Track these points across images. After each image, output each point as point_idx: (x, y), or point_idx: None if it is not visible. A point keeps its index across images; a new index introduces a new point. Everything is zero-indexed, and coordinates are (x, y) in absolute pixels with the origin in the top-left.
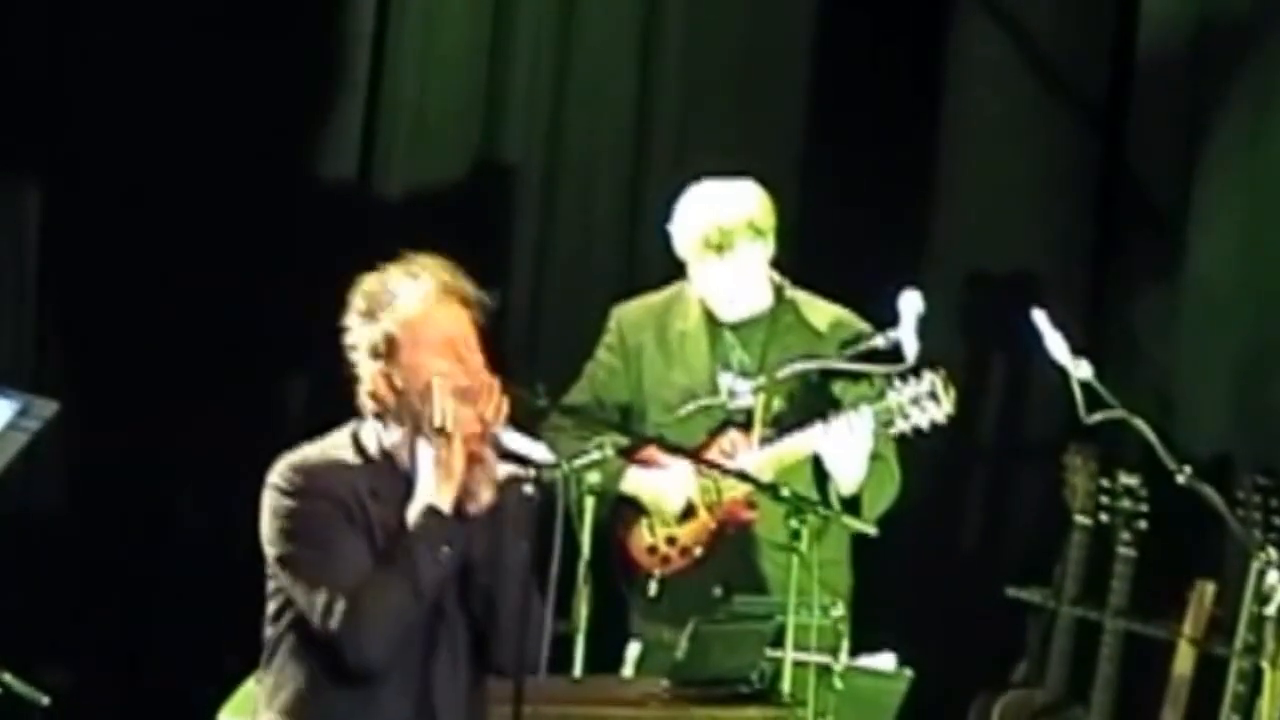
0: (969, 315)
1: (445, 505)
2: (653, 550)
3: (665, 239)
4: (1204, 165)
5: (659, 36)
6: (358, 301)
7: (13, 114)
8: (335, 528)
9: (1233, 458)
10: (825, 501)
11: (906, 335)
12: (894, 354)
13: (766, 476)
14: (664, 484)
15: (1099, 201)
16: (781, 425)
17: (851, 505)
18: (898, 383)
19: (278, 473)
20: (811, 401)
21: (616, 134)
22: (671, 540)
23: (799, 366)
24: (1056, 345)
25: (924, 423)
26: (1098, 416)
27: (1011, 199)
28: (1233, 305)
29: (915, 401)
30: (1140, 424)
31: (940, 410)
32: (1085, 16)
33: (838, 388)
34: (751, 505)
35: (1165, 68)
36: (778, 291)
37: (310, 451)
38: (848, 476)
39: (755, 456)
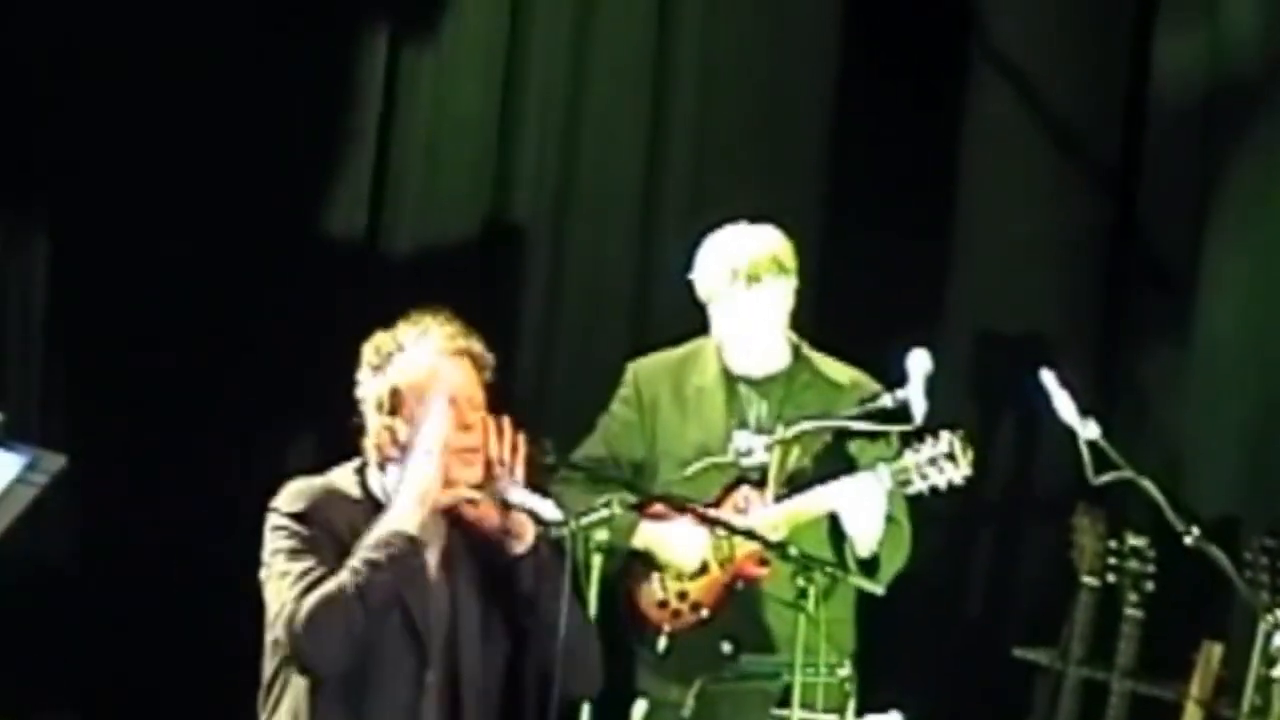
0: (978, 375)
1: (410, 526)
2: (663, 605)
3: (675, 299)
4: (1214, 227)
5: (670, 98)
6: (368, 354)
7: (20, 163)
8: (321, 550)
9: (1241, 519)
10: (841, 561)
11: (915, 394)
12: (903, 413)
13: (779, 533)
14: (679, 539)
15: (1109, 262)
16: (798, 483)
17: (868, 566)
18: (914, 442)
19: (282, 495)
20: (830, 461)
21: (626, 194)
22: (683, 595)
23: (810, 424)
24: (1065, 406)
25: (941, 483)
26: (1106, 477)
27: (1021, 259)
28: (1242, 366)
29: (933, 462)
30: (1148, 485)
31: (958, 471)
32: (1097, 78)
33: (854, 447)
34: (763, 562)
35: (1176, 129)
36: (795, 350)
37: (316, 481)
38: (865, 537)
39: (768, 513)
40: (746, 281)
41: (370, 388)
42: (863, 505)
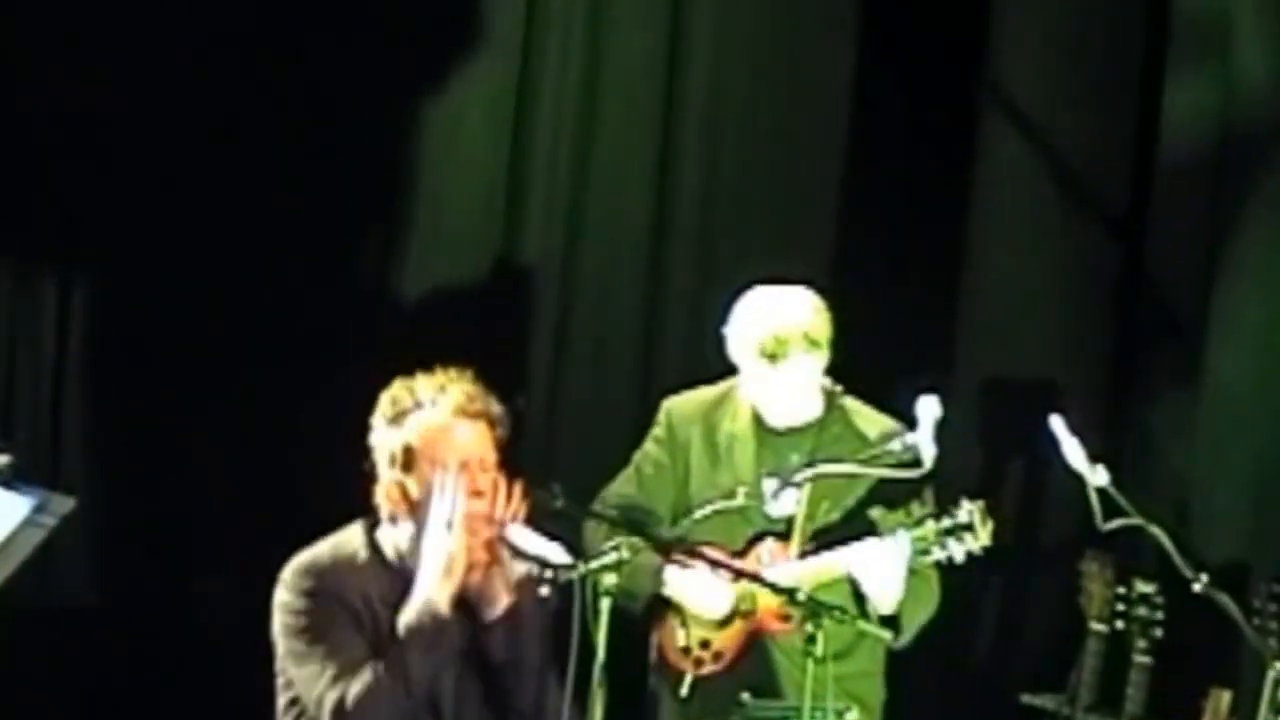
0: (987, 421)
1: (443, 603)
2: (686, 651)
3: (683, 341)
4: (1224, 272)
5: (680, 140)
6: (384, 405)
7: (31, 204)
8: (339, 627)
9: (1249, 566)
10: (864, 616)
11: (923, 440)
12: (913, 461)
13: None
14: (702, 587)
15: (1118, 308)
16: (824, 541)
17: (891, 622)
18: (935, 511)
19: (290, 571)
20: (860, 521)
21: (636, 236)
22: (705, 644)
23: (821, 469)
24: (1074, 452)
25: (959, 554)
26: (1114, 524)
27: (1031, 305)
28: (1251, 413)
29: (951, 532)
30: (1157, 531)
31: (976, 542)
32: (1107, 124)
33: (875, 512)
34: (785, 618)
35: (1186, 175)
36: (829, 398)
37: (322, 551)
38: (884, 599)
39: (789, 569)
40: (771, 360)
41: (384, 440)
42: (879, 570)
